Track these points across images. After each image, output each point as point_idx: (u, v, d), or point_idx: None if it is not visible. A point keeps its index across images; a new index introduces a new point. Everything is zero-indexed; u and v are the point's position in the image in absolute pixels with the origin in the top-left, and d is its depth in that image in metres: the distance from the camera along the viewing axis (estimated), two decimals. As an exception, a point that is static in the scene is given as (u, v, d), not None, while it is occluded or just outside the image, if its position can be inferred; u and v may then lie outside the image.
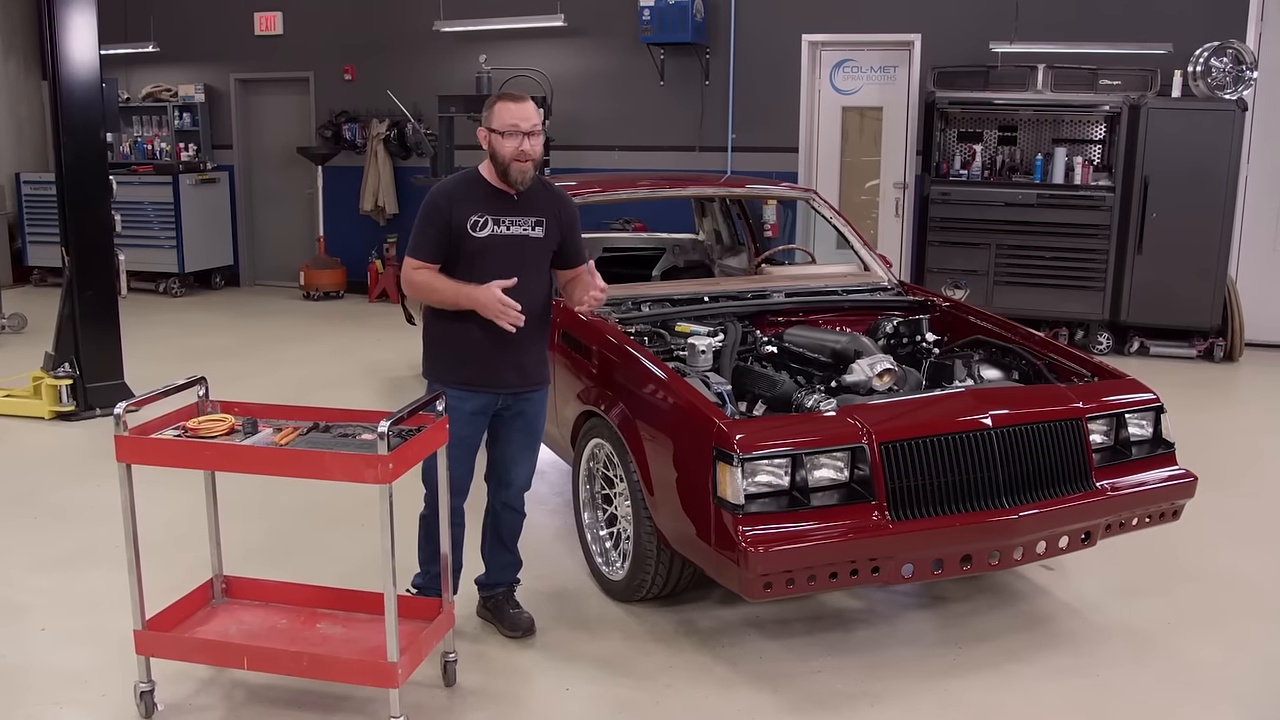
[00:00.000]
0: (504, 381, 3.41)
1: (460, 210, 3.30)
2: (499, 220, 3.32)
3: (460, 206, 3.30)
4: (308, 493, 4.74)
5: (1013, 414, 3.41)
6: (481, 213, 3.30)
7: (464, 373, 3.38)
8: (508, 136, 3.24)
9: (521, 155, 3.25)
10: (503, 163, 3.27)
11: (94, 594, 3.96)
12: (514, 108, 3.28)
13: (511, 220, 3.34)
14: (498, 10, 9.85)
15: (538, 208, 3.37)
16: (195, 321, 9.62)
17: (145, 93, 11.33)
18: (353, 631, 3.19)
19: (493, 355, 3.35)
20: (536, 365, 3.49)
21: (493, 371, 3.38)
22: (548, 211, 3.39)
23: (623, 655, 3.52)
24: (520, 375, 3.43)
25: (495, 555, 3.68)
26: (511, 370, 3.40)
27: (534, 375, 3.48)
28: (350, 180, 10.77)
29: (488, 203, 3.33)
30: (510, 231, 3.33)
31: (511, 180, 3.29)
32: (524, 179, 3.29)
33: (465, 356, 3.38)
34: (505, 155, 3.25)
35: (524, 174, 3.28)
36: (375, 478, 2.75)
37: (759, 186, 5.81)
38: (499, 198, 3.34)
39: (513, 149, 3.24)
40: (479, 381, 3.38)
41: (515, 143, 3.23)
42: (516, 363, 3.40)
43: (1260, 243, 8.41)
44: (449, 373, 3.40)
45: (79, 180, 6.13)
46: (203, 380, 3.28)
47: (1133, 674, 3.43)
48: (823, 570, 3.14)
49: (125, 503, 2.98)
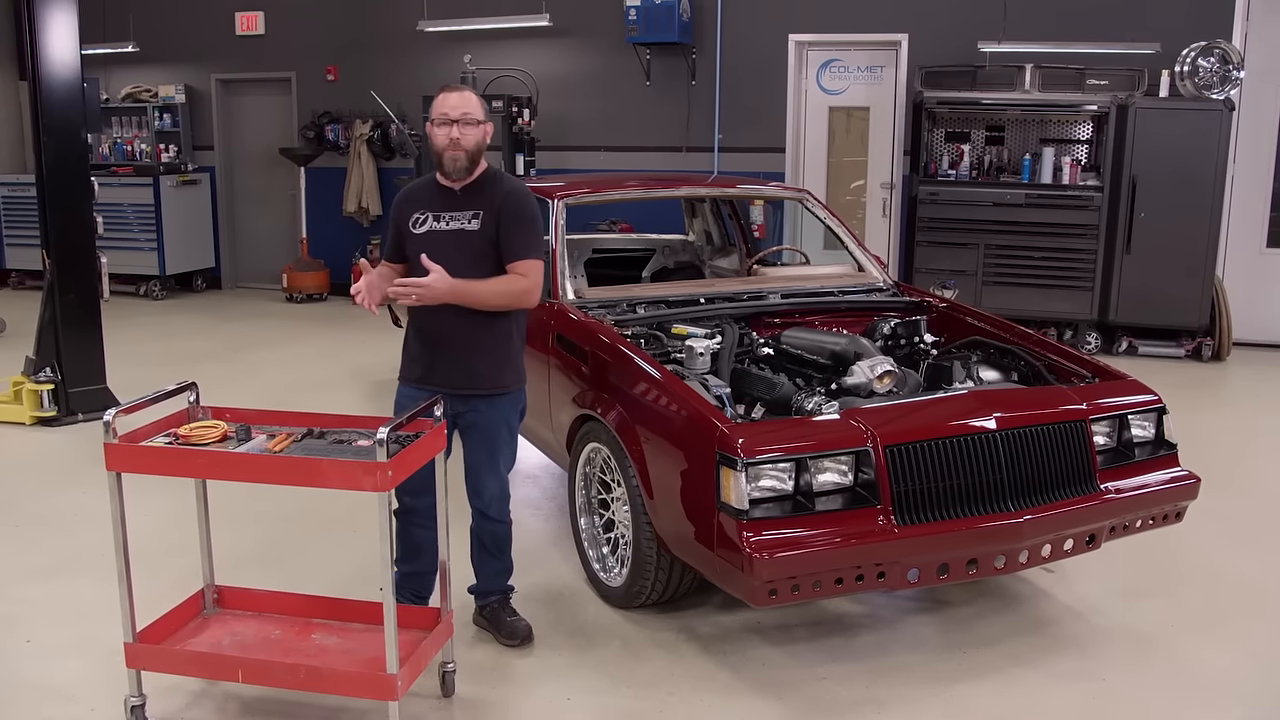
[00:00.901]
0: (449, 381, 3.32)
1: (407, 210, 3.38)
2: (439, 216, 3.32)
3: (408, 207, 3.39)
4: (294, 499, 4.66)
5: (1017, 416, 3.37)
6: (424, 210, 3.34)
7: (415, 370, 3.41)
8: (438, 125, 3.27)
9: (453, 144, 3.25)
10: (437, 153, 3.29)
11: (80, 604, 3.88)
12: (445, 97, 3.30)
13: (451, 215, 3.32)
14: (482, 10, 9.78)
15: (479, 201, 3.32)
16: (177, 324, 9.50)
17: (125, 93, 11.20)
18: (349, 642, 3.12)
19: (436, 352, 3.35)
20: (490, 369, 3.36)
21: (437, 370, 3.35)
22: (488, 204, 3.32)
23: (623, 663, 3.46)
24: (467, 376, 3.33)
25: (483, 563, 3.61)
26: (457, 370, 3.33)
27: (485, 379, 3.36)
28: (333, 182, 10.67)
29: (433, 200, 3.35)
30: (449, 226, 3.31)
31: (446, 170, 3.30)
32: (456, 167, 3.28)
33: (415, 354, 3.42)
34: (438, 145, 3.29)
35: (456, 162, 3.27)
36: (374, 485, 2.68)
37: (753, 187, 5.77)
38: (444, 194, 3.35)
39: (444, 138, 3.25)
40: (427, 380, 3.36)
41: (446, 131, 3.25)
42: (462, 363, 3.33)
43: (1247, 242, 8.44)
44: (405, 370, 3.45)
45: (60, 181, 6.03)
46: (193, 386, 3.21)
47: (1138, 677, 3.40)
48: (828, 576, 3.09)
49: (115, 513, 2.89)
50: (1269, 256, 8.48)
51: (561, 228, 4.61)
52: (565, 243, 4.57)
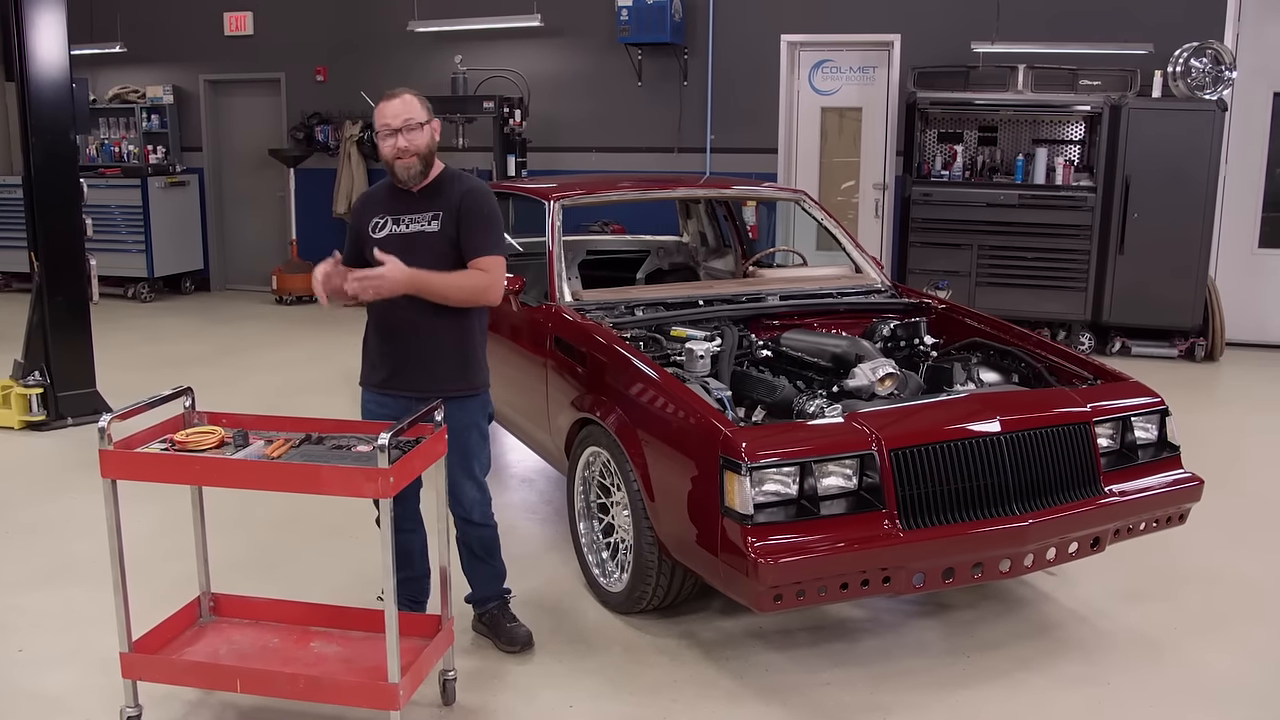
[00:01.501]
0: (414, 384, 3.29)
1: (366, 215, 3.33)
2: (398, 219, 3.28)
3: (367, 211, 3.34)
4: (288, 504, 4.60)
5: (1022, 419, 3.34)
6: (382, 214, 3.30)
7: (376, 375, 3.37)
8: (384, 138, 3.22)
9: (400, 153, 3.20)
10: (387, 162, 3.25)
11: (73, 612, 3.82)
12: (384, 107, 3.23)
13: (410, 218, 3.28)
14: (473, 10, 9.73)
15: (437, 202, 3.28)
16: (166, 327, 9.42)
17: (112, 94, 11.11)
18: (348, 650, 3.08)
19: (397, 355, 3.31)
20: (455, 369, 3.32)
21: (401, 374, 3.31)
22: (447, 204, 3.27)
23: (625, 669, 3.42)
24: (432, 379, 3.29)
25: (474, 570, 3.56)
26: (421, 373, 3.30)
27: (451, 380, 3.31)
28: (323, 183, 10.61)
29: (391, 204, 3.31)
30: (408, 229, 3.27)
31: (399, 178, 3.26)
32: (410, 174, 3.24)
33: (376, 358, 3.38)
34: (386, 156, 3.24)
35: (409, 169, 3.23)
36: (375, 492, 2.64)
37: (751, 188, 5.73)
38: (402, 198, 3.30)
39: (390, 149, 3.21)
40: (391, 385, 3.33)
41: (392, 142, 3.20)
42: (426, 364, 3.29)
43: (1239, 242, 8.45)
44: (366, 375, 3.41)
45: (49, 183, 5.96)
46: (189, 391, 3.16)
47: (1144, 681, 3.38)
48: (833, 581, 3.06)
49: (110, 520, 2.84)
50: (1261, 256, 8.50)
51: (558, 229, 4.57)
52: (562, 244, 4.53)
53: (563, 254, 4.51)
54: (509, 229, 6.22)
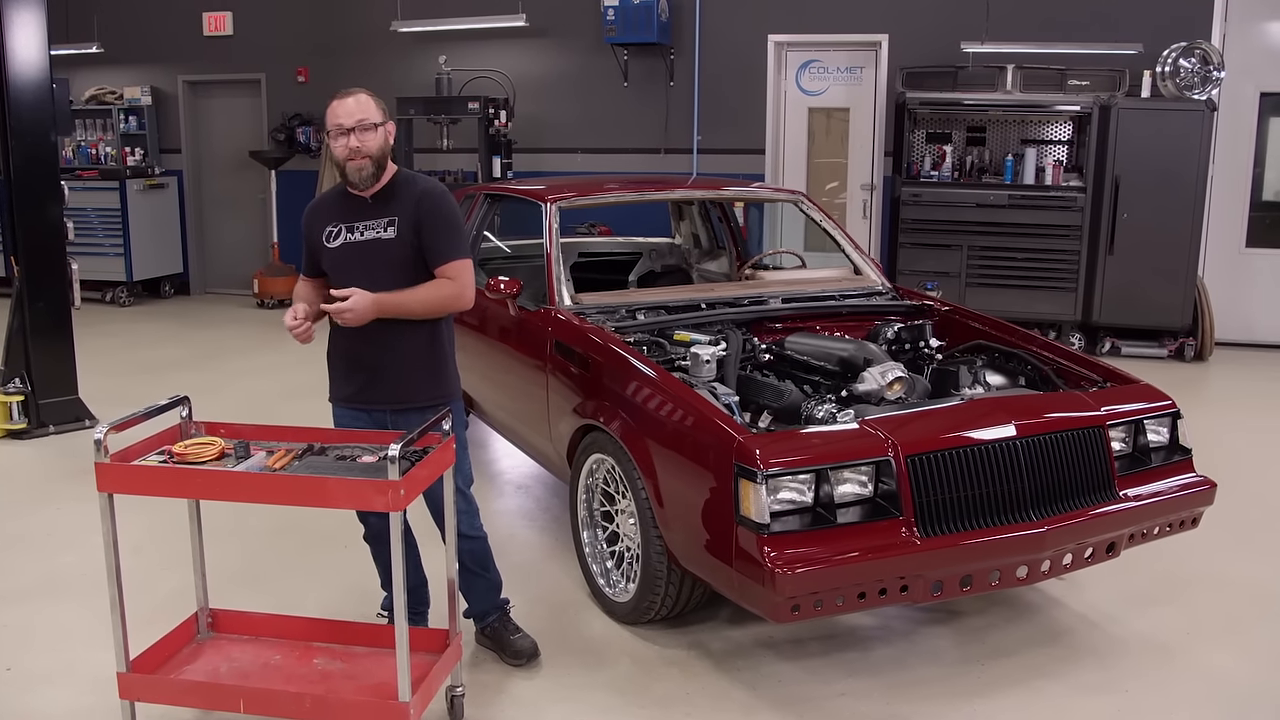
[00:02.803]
0: (387, 396, 3.21)
1: (318, 224, 3.19)
2: (352, 227, 3.16)
3: (319, 221, 3.20)
4: (277, 513, 4.50)
5: (1037, 423, 3.29)
6: (336, 222, 3.17)
7: (345, 388, 3.27)
8: (334, 137, 3.10)
9: (353, 154, 3.07)
10: (339, 164, 3.13)
11: (62, 628, 3.70)
12: (334, 105, 3.11)
13: (365, 225, 3.15)
14: (457, 10, 9.62)
15: (392, 207, 3.16)
16: (146, 332, 9.27)
17: (89, 95, 10.91)
18: (353, 667, 2.99)
19: (365, 366, 3.21)
20: (427, 379, 3.23)
21: (371, 386, 3.22)
22: (402, 209, 3.14)
23: (636, 682, 3.34)
24: (405, 389, 3.21)
25: (470, 583, 3.45)
26: (391, 384, 3.21)
27: (422, 390, 3.23)
28: (305, 185, 10.42)
29: (344, 211, 3.18)
30: (363, 237, 3.15)
31: (352, 181, 3.14)
32: (362, 176, 3.11)
33: (344, 371, 3.27)
34: (339, 157, 3.11)
35: (360, 171, 3.09)
36: (386, 505, 2.55)
37: (749, 189, 5.67)
38: (355, 204, 3.17)
39: (343, 149, 3.08)
40: (361, 398, 3.24)
41: (344, 142, 3.07)
42: (396, 375, 3.20)
43: (1227, 242, 8.47)
44: (335, 389, 3.30)
45: (29, 185, 5.82)
46: (185, 400, 3.05)
47: (1161, 687, 3.33)
48: (851, 591, 3.00)
49: (107, 536, 2.73)
50: (1248, 256, 8.51)
51: (555, 232, 4.49)
52: (560, 247, 4.46)
53: (561, 257, 4.43)
54: (499, 232, 6.14)
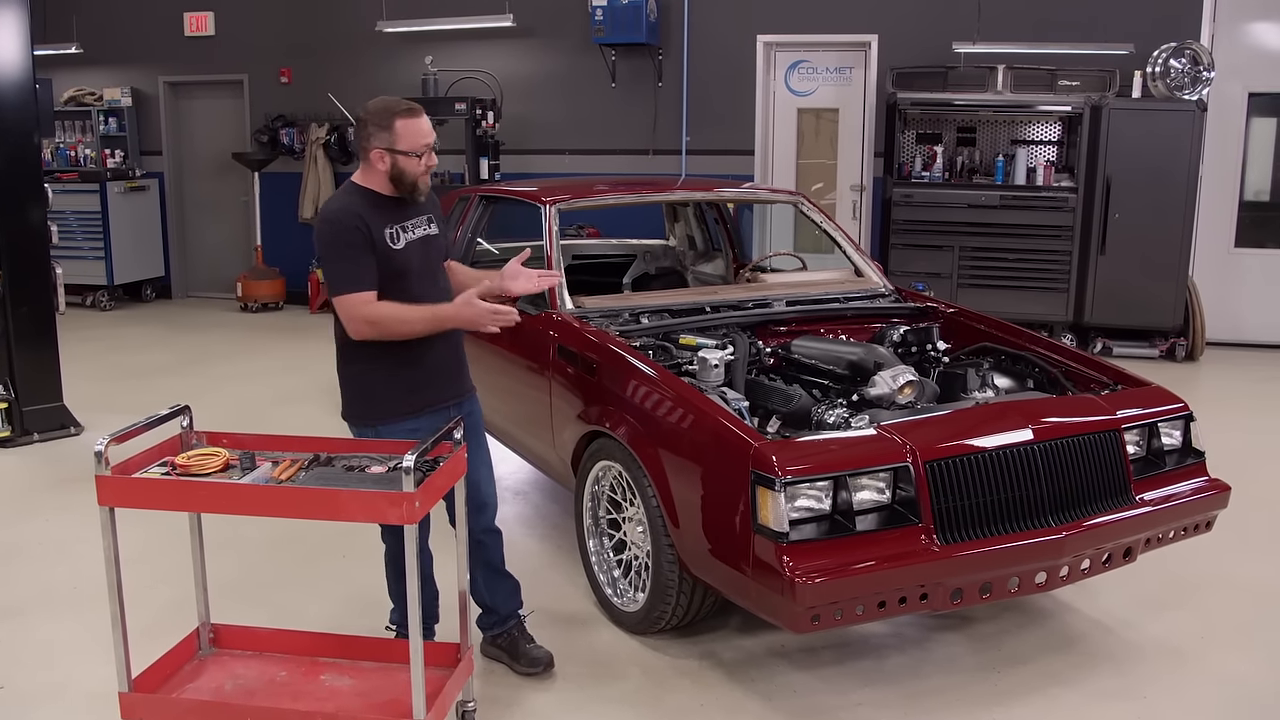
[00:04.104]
0: (461, 388, 3.29)
1: (377, 228, 3.05)
2: (405, 226, 3.13)
3: (375, 225, 3.06)
4: (273, 525, 4.42)
5: (1055, 427, 3.25)
6: (390, 224, 3.10)
7: (423, 398, 3.15)
8: (411, 155, 3.03)
9: (428, 170, 3.10)
10: (411, 180, 3.06)
11: (54, 645, 3.60)
12: (413, 123, 3.02)
13: (412, 223, 3.16)
14: (444, 10, 9.53)
15: (423, 206, 3.21)
16: (128, 336, 9.12)
17: (67, 96, 10.74)
18: (361, 683, 2.91)
19: (446, 366, 3.21)
20: (466, 364, 3.36)
21: (449, 383, 3.23)
22: (433, 209, 3.26)
23: (648, 694, 3.28)
24: (462, 379, 3.31)
25: (494, 584, 3.39)
26: (463, 371, 3.31)
27: (468, 375, 3.37)
28: (289, 187, 10.36)
29: (389, 212, 3.11)
30: (418, 234, 3.16)
31: (416, 195, 3.12)
32: (425, 190, 3.14)
33: (418, 380, 3.13)
34: (414, 174, 3.06)
35: (427, 186, 3.15)
36: (400, 518, 2.47)
37: (748, 190, 5.61)
38: (393, 204, 3.13)
39: (421, 166, 3.06)
40: (438, 400, 3.18)
41: (425, 160, 3.06)
42: (462, 362, 3.31)
43: (1216, 242, 8.48)
44: (400, 406, 3.12)
45: (11, 188, 5.70)
46: (186, 409, 2.97)
47: (1178, 693, 3.29)
48: (871, 599, 2.94)
49: (108, 551, 2.65)
50: (1237, 256, 8.53)
51: (555, 234, 4.41)
52: (560, 250, 4.38)
53: (561, 260, 4.36)
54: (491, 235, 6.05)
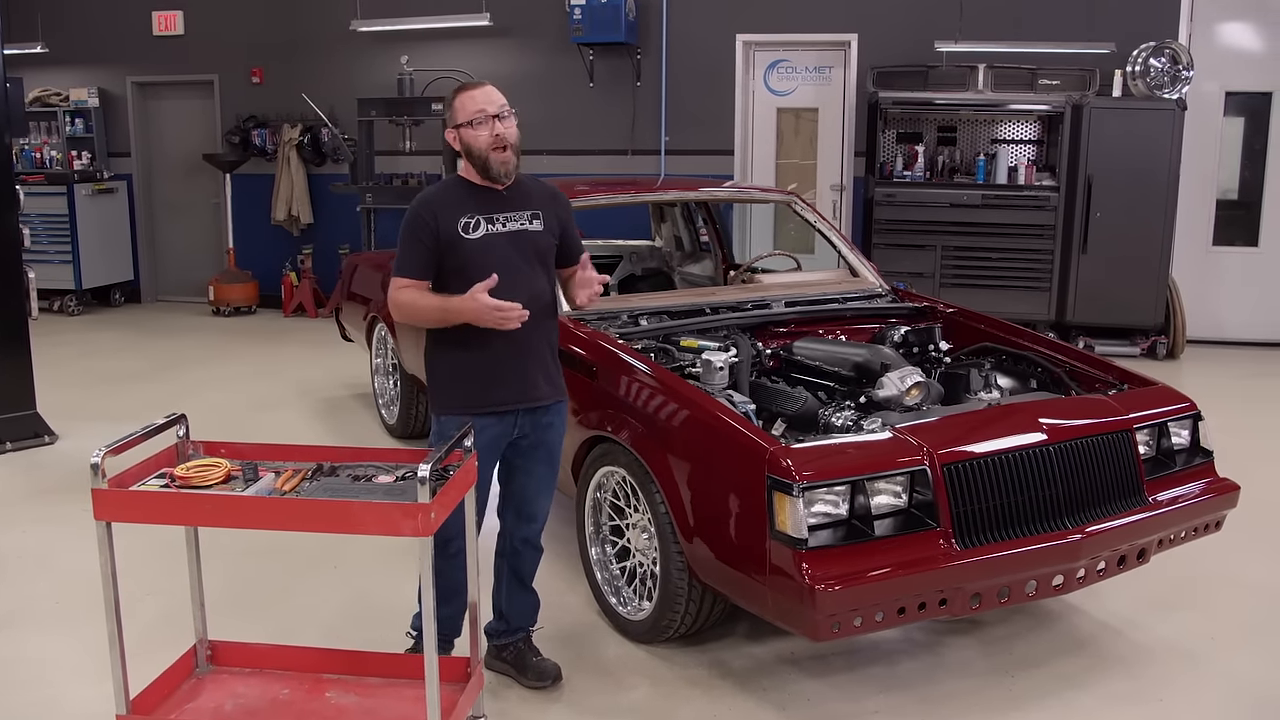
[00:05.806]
0: (538, 392, 3.09)
1: (447, 217, 2.96)
2: (492, 218, 3.00)
3: (447, 213, 2.97)
4: (261, 534, 4.28)
5: (1069, 428, 3.21)
6: (471, 213, 2.98)
7: (488, 397, 3.03)
8: (478, 125, 2.93)
9: (499, 142, 2.94)
10: (481, 156, 2.96)
11: (37, 663, 3.47)
12: (477, 94, 2.98)
13: (506, 216, 3.02)
14: (419, 9, 9.40)
15: (531, 201, 3.08)
16: (98, 342, 8.91)
17: (32, 96, 10.45)
18: (368, 700, 2.81)
19: (519, 365, 3.04)
20: (556, 371, 3.18)
21: (525, 383, 3.06)
22: (543, 204, 3.10)
23: (659, 706, 3.20)
24: (548, 383, 3.13)
25: (516, 598, 3.31)
26: (540, 378, 3.10)
27: (558, 383, 3.17)
28: (261, 189, 10.18)
29: (478, 203, 3.01)
30: (507, 228, 3.02)
31: (494, 174, 2.98)
32: (508, 169, 2.99)
33: (480, 378, 3.02)
34: (482, 147, 2.94)
35: (507, 164, 2.98)
36: (415, 530, 2.38)
37: (741, 190, 5.55)
38: (488, 195, 3.02)
39: (487, 137, 2.93)
40: (512, 400, 3.04)
41: (488, 130, 2.93)
42: (542, 369, 3.10)
43: (1194, 240, 8.52)
44: (477, 399, 3.02)
45: (-19, 191, 5.54)
46: (183, 419, 2.85)
47: (1193, 696, 3.26)
48: (891, 606, 2.88)
49: (105, 568, 2.53)
50: (1215, 254, 8.59)
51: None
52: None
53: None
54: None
